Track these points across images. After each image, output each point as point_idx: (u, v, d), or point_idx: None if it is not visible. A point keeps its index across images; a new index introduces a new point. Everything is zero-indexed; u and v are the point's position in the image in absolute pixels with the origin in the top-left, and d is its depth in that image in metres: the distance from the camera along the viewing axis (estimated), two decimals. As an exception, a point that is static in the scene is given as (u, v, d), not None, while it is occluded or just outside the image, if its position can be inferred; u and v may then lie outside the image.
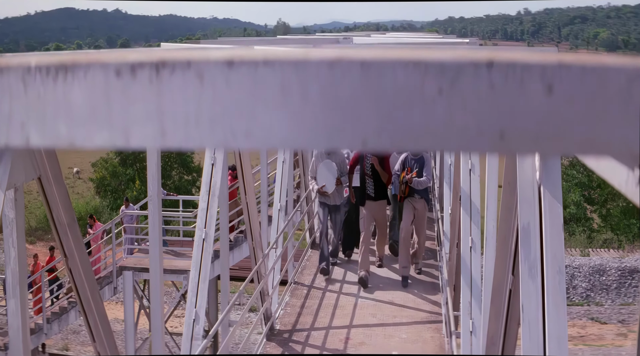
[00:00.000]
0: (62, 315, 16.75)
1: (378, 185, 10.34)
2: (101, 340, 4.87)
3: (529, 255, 3.19)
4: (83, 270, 4.59)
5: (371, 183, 10.35)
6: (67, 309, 16.75)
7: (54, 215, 4.39)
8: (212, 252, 7.26)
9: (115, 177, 43.10)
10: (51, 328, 16.60)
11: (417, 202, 10.31)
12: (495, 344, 4.56)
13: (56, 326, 16.83)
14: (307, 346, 9.10)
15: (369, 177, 10.35)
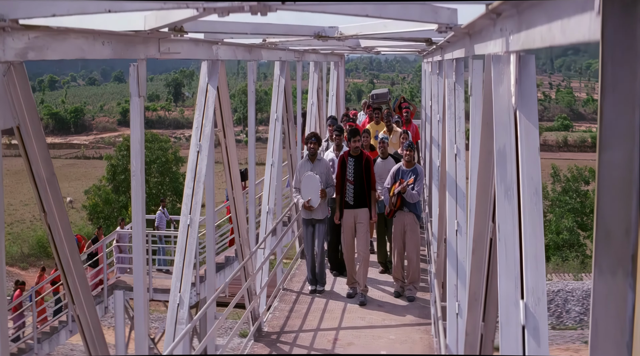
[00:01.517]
0: (52, 334, 16.57)
1: (359, 192, 9.48)
2: (80, 302, 4.80)
3: (505, 177, 3.18)
4: (61, 227, 4.54)
5: (351, 190, 9.50)
6: (57, 329, 16.58)
7: (33, 169, 4.35)
8: (197, 238, 7.22)
9: (108, 204, 43.02)
10: (42, 347, 16.41)
11: (407, 216, 9.61)
12: (477, 300, 4.52)
13: (47, 346, 16.63)
14: (296, 346, 9.00)
15: (349, 182, 9.51)
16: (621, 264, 1.55)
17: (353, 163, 9.49)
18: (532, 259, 3.02)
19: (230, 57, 8.45)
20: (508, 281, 3.02)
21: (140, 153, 5.95)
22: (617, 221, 1.56)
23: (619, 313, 1.56)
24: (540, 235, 3.06)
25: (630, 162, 1.53)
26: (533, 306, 2.97)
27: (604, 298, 1.59)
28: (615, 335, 1.57)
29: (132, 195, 6.16)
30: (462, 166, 6.99)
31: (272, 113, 11.33)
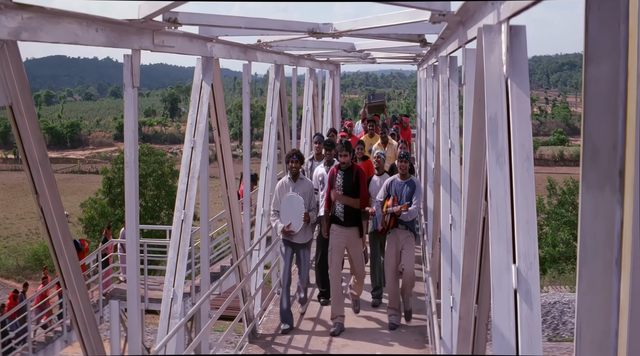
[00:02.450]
0: (47, 344, 16.46)
1: (350, 208, 8.59)
2: (73, 288, 4.78)
3: (496, 144, 3.18)
4: (54, 209, 4.52)
5: (341, 206, 8.60)
6: (52, 339, 16.47)
7: (25, 150, 4.34)
8: (190, 233, 7.20)
9: (104, 217, 42.90)
10: (37, 358, 16.31)
11: (402, 234, 8.66)
12: (470, 283, 4.50)
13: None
14: (290, 348, 8.95)
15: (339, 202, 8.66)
16: (609, 180, 1.54)
17: (342, 177, 8.56)
18: (523, 224, 3.01)
19: (225, 56, 8.47)
20: (500, 246, 3.01)
21: (134, 144, 5.95)
22: (604, 136, 1.55)
23: (607, 229, 1.56)
24: (532, 201, 3.06)
25: (615, 76, 1.53)
26: (525, 270, 2.96)
27: (591, 215, 1.59)
28: (604, 251, 1.56)
29: (125, 189, 6.14)
30: (456, 161, 7.00)
31: (267, 116, 11.33)
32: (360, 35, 8.09)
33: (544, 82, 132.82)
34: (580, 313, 1.61)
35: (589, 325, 1.60)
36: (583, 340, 1.60)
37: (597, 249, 1.58)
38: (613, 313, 1.55)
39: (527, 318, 2.90)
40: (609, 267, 1.56)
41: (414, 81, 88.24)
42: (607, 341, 1.56)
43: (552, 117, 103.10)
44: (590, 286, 1.59)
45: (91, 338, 4.93)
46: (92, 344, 4.97)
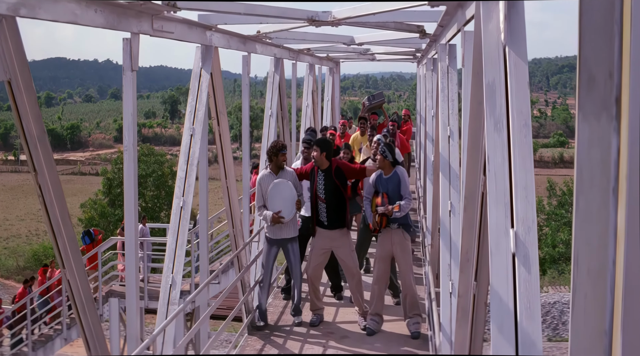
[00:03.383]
0: (47, 342, 16.43)
1: (334, 211, 8.09)
2: (71, 267, 4.77)
3: (494, 110, 3.18)
4: (52, 186, 4.52)
5: (324, 208, 8.09)
6: (52, 337, 16.45)
7: (23, 126, 4.34)
8: (189, 219, 7.19)
9: (103, 218, 42.93)
10: (36, 355, 16.28)
11: (395, 233, 7.91)
12: (469, 260, 4.49)
13: (41, 354, 16.49)
14: (289, 340, 8.91)
15: (321, 200, 8.10)
16: (605, 108, 1.54)
17: (323, 178, 8.03)
18: (522, 189, 3.01)
19: (224, 45, 8.47)
20: (498, 211, 3.01)
21: (132, 127, 5.95)
22: (600, 64, 1.55)
23: (603, 158, 1.55)
24: (530, 167, 3.05)
25: (611, 4, 1.53)
26: (523, 235, 2.95)
27: (587, 144, 1.58)
28: (601, 180, 1.56)
29: (124, 174, 6.14)
30: (456, 148, 7.00)
31: (267, 109, 11.33)
32: (359, 24, 8.08)
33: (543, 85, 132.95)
34: (577, 243, 1.60)
35: (586, 255, 1.59)
36: (580, 270, 1.59)
37: (593, 178, 1.57)
38: (610, 242, 1.55)
39: (525, 282, 2.89)
40: (606, 195, 1.56)
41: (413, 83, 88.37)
42: (604, 270, 1.56)
43: (552, 119, 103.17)
44: (587, 216, 1.58)
45: (89, 317, 4.92)
46: (89, 323, 4.95)
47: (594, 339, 1.58)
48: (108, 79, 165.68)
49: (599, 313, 1.58)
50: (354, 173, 8.17)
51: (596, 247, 1.56)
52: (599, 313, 1.58)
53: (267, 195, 8.09)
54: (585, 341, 1.59)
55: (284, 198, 8.03)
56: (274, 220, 8.08)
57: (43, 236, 50.99)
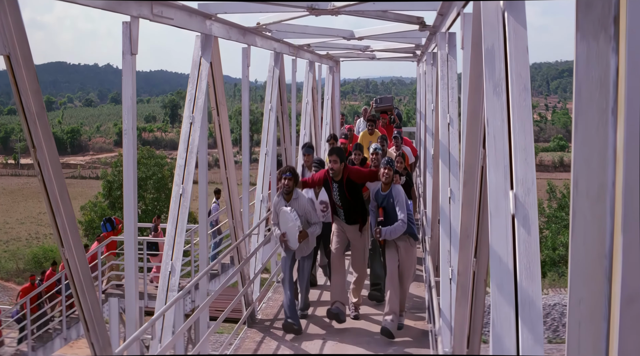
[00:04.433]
0: (47, 342, 16.39)
1: (352, 213, 8.43)
2: (70, 247, 4.75)
3: (493, 74, 3.18)
4: (50, 163, 4.51)
5: (342, 212, 8.47)
6: (52, 337, 16.41)
7: (22, 102, 4.33)
8: (188, 207, 7.18)
9: (103, 220, 42.88)
10: (36, 355, 16.23)
11: (401, 240, 8.14)
12: (469, 237, 4.48)
13: (41, 354, 16.45)
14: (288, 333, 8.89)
15: (339, 206, 8.44)
16: (603, 27, 1.53)
17: (337, 189, 8.29)
18: (521, 152, 3.00)
19: (224, 36, 8.47)
20: (497, 173, 3.00)
21: (132, 111, 5.95)
22: (599, -16, 1.54)
23: (602, 78, 1.54)
24: (530, 131, 3.05)
25: None
26: (523, 196, 2.95)
27: (585, 64, 1.58)
28: (600, 101, 1.55)
29: (124, 160, 6.14)
30: (455, 135, 7.00)
31: (267, 103, 11.33)
32: (358, 12, 8.08)
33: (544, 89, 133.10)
34: (576, 165, 1.59)
35: (585, 177, 1.58)
36: (579, 193, 1.59)
37: (592, 99, 1.57)
38: (609, 164, 1.54)
39: (525, 243, 2.88)
40: (605, 116, 1.55)
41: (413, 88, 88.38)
42: (603, 192, 1.55)
43: (552, 123, 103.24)
44: (586, 137, 1.58)
45: (87, 298, 4.91)
46: (88, 303, 4.94)
47: (594, 260, 1.57)
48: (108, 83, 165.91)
49: (599, 236, 1.57)
50: (366, 179, 8.30)
51: (595, 169, 1.56)
52: (599, 236, 1.57)
53: (279, 219, 8.23)
54: (586, 263, 1.58)
55: (289, 229, 8.10)
56: (281, 240, 8.26)
57: (43, 239, 50.98)
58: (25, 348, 15.93)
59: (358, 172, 8.31)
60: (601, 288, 1.55)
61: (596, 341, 1.53)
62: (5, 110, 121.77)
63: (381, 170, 8.00)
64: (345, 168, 8.23)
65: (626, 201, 1.50)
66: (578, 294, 1.59)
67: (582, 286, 1.58)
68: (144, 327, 5.75)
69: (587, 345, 1.55)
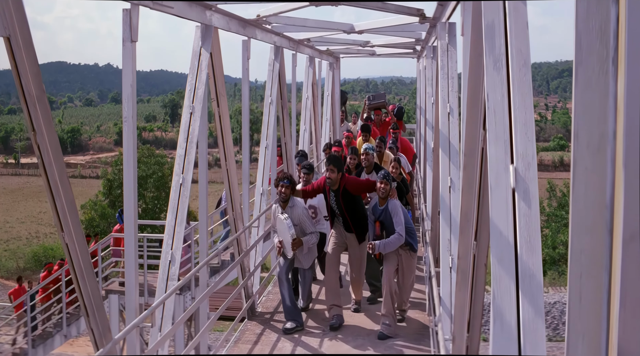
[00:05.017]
0: (47, 339, 16.39)
1: (351, 221, 8.19)
2: (69, 230, 4.75)
3: (493, 49, 3.17)
4: (50, 147, 4.51)
5: (341, 220, 8.26)
6: (52, 333, 16.41)
7: (22, 85, 4.32)
8: (188, 196, 7.18)
9: (104, 219, 42.86)
10: (36, 352, 16.22)
11: (401, 249, 8.02)
12: (469, 220, 4.48)
13: (41, 351, 16.44)
14: (288, 325, 8.87)
15: (337, 215, 8.24)
16: (604, -23, 1.53)
17: (334, 198, 8.12)
18: (521, 126, 3.00)
19: (224, 27, 8.46)
20: (497, 147, 3.00)
21: (132, 97, 5.95)
22: None
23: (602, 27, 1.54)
24: (530, 106, 3.05)
25: None
26: (523, 170, 2.94)
27: (586, 13, 1.57)
28: (600, 50, 1.55)
29: (124, 146, 6.14)
30: (455, 125, 7.00)
31: (267, 96, 11.33)
32: (358, 3, 8.07)
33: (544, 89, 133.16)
34: (576, 116, 1.59)
35: (586, 128, 1.58)
36: (580, 144, 1.58)
37: (592, 49, 1.56)
38: (610, 114, 1.54)
39: (525, 217, 2.88)
40: (605, 66, 1.54)
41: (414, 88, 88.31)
42: (604, 142, 1.55)
43: (552, 123, 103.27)
44: (586, 87, 1.57)
45: (87, 283, 4.90)
46: (88, 289, 4.93)
47: (596, 211, 1.56)
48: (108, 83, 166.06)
49: (599, 187, 1.56)
50: (363, 189, 8.17)
51: (596, 119, 1.55)
52: (599, 187, 1.56)
53: (277, 226, 8.21)
54: (586, 215, 1.58)
55: (284, 237, 8.07)
56: (278, 249, 8.20)
57: (43, 238, 50.97)
58: (25, 346, 15.94)
59: (355, 183, 8.09)
60: (602, 239, 1.55)
61: (597, 292, 1.53)
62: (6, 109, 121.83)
63: (377, 184, 7.81)
64: (342, 178, 8.02)
65: (627, 151, 1.50)
66: (579, 245, 1.58)
67: (583, 238, 1.57)
68: (144, 314, 5.74)
69: (588, 296, 1.55)
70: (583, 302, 1.58)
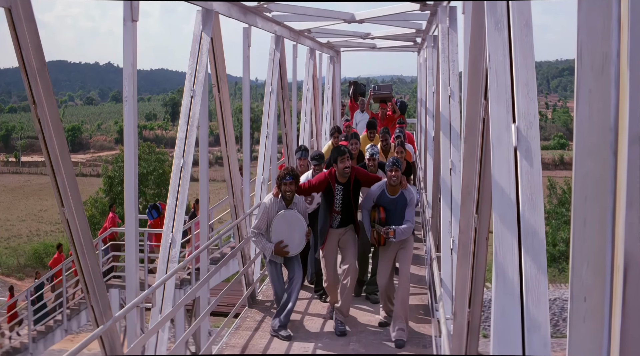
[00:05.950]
0: (47, 333, 16.39)
1: (345, 218, 7.51)
2: (70, 207, 4.74)
3: (495, 10, 3.17)
4: (51, 120, 4.50)
5: (337, 218, 7.50)
6: (52, 328, 16.41)
7: (23, 57, 4.31)
8: (189, 179, 7.18)
9: (104, 216, 42.86)
10: (37, 347, 16.22)
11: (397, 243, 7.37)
12: (470, 193, 4.46)
13: (42, 346, 16.43)
14: (291, 312, 8.84)
15: (336, 213, 7.46)
16: None
17: (341, 193, 7.39)
18: (523, 86, 2.99)
19: (225, 12, 8.46)
20: (499, 106, 2.99)
21: (133, 78, 5.94)
22: None
23: None
24: (532, 66, 3.04)
25: None
26: (525, 129, 2.93)
27: None
28: None
29: (124, 128, 6.14)
30: (456, 107, 6.99)
31: (267, 85, 11.31)
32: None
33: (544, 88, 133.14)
34: (580, 38, 1.57)
35: (589, 49, 1.57)
36: (583, 65, 1.57)
37: None
38: (614, 34, 1.53)
39: (527, 174, 2.87)
40: None
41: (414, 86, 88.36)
42: (607, 63, 1.54)
43: (552, 121, 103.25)
44: (590, 7, 1.56)
45: (87, 259, 4.89)
46: (88, 265, 4.92)
47: (599, 133, 1.55)
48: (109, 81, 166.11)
49: (604, 109, 1.55)
50: (372, 181, 7.48)
51: (599, 39, 1.54)
52: (604, 109, 1.55)
53: (273, 225, 7.31)
54: (590, 137, 1.57)
55: (293, 232, 7.32)
56: (278, 252, 7.38)
57: (44, 236, 50.97)
58: (26, 340, 15.94)
59: (367, 175, 7.51)
60: (607, 161, 1.54)
61: (602, 216, 1.52)
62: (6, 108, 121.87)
63: (388, 173, 7.14)
64: (352, 170, 7.36)
65: (632, 71, 1.49)
66: (584, 168, 1.57)
67: (587, 161, 1.56)
68: (145, 294, 5.74)
69: (593, 218, 1.54)
70: (587, 227, 1.57)
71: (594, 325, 1.54)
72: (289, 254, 7.38)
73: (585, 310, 1.57)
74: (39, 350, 16.29)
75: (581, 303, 1.59)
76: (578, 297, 1.59)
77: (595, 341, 1.53)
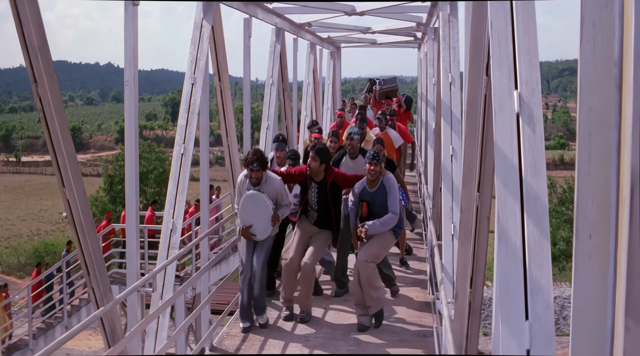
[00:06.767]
0: (48, 330, 16.37)
1: (324, 217, 7.19)
2: (70, 186, 4.73)
3: (498, -21, 3.16)
4: (52, 99, 4.49)
5: (314, 215, 7.20)
6: (52, 325, 16.39)
7: (24, 35, 4.31)
8: (189, 166, 7.18)
9: (104, 215, 42.79)
10: (37, 343, 16.20)
11: None
12: (471, 171, 4.45)
13: (42, 342, 16.41)
14: (290, 303, 8.82)
15: (313, 209, 7.17)
16: None
17: (316, 190, 7.12)
18: (525, 53, 2.99)
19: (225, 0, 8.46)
20: (502, 73, 2.98)
21: (134, 62, 5.94)
22: None
23: None
24: (534, 34, 3.03)
25: None
26: (527, 96, 2.93)
27: None
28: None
29: (125, 110, 6.14)
30: (457, 94, 6.98)
31: (268, 77, 11.32)
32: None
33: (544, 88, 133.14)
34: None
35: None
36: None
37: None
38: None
39: (529, 140, 2.87)
40: None
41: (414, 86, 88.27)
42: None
43: (552, 121, 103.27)
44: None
45: (88, 240, 4.88)
46: (89, 246, 4.91)
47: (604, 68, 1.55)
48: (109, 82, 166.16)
49: (608, 43, 1.55)
50: (351, 184, 7.13)
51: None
52: (608, 43, 1.55)
53: (240, 205, 6.92)
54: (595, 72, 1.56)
55: (258, 214, 6.84)
56: (244, 235, 6.93)
57: (44, 235, 50.96)
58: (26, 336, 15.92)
59: (345, 178, 7.16)
60: (611, 96, 1.53)
61: (607, 150, 1.51)
62: (7, 108, 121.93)
63: (366, 165, 6.77)
64: (329, 171, 7.09)
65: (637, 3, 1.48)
66: (588, 103, 1.57)
67: (591, 95, 1.56)
68: (145, 278, 5.73)
69: (598, 154, 1.53)
70: (592, 162, 1.57)
71: (599, 262, 1.53)
72: (256, 238, 6.88)
73: (591, 247, 1.56)
74: (39, 346, 16.27)
75: (586, 241, 1.58)
76: (583, 235, 1.59)
77: (601, 278, 1.52)
